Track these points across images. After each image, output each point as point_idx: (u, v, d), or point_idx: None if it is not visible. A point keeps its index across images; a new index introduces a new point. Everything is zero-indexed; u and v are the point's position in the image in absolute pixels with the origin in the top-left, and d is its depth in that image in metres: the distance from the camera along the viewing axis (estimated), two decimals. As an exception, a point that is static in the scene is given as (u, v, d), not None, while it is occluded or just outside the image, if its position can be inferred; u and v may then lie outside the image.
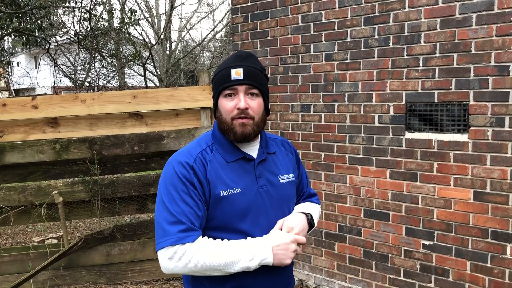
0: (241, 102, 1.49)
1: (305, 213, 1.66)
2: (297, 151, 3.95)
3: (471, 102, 3.06)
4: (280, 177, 1.62)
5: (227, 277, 1.47)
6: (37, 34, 9.70)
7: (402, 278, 3.47)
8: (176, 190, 1.45)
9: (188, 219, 1.43)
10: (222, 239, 1.48)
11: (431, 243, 3.30)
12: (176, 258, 1.40)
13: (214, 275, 1.44)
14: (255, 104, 1.51)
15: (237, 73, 1.50)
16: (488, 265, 3.07)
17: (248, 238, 1.49)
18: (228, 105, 1.51)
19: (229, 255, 1.41)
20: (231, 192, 1.49)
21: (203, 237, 1.46)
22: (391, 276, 3.53)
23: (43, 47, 10.59)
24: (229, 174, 1.51)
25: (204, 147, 1.55)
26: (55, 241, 5.39)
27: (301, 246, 1.56)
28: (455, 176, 3.16)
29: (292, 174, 1.68)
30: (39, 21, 9.67)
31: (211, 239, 1.46)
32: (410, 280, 3.43)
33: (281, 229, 1.54)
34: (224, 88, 1.51)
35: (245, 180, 1.53)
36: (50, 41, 10.49)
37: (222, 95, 1.52)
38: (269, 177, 1.59)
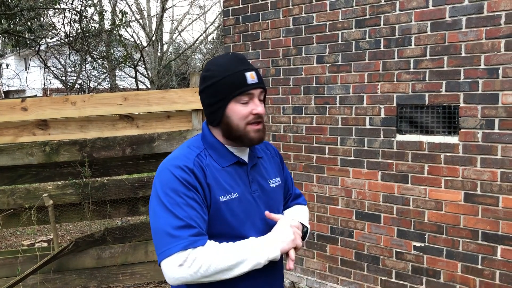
0: (259, 107, 1.46)
1: (301, 223, 1.64)
2: (290, 153, 3.96)
3: (461, 104, 3.08)
4: (270, 182, 1.61)
5: (227, 284, 1.42)
6: (27, 36, 9.63)
7: (393, 280, 3.48)
8: (178, 194, 1.37)
9: (196, 223, 1.36)
10: None
11: (422, 244, 3.32)
12: (187, 263, 1.32)
13: (224, 278, 1.37)
14: (264, 109, 1.50)
15: (252, 77, 1.45)
16: (479, 266, 3.09)
17: (251, 237, 1.46)
18: (243, 110, 1.45)
19: (239, 253, 1.37)
20: (229, 197, 1.45)
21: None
22: (383, 278, 3.53)
23: (33, 48, 10.51)
24: (225, 179, 1.47)
25: (197, 152, 1.48)
26: (45, 244, 5.35)
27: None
28: (446, 178, 3.18)
29: (279, 178, 1.67)
30: (29, 23, 9.61)
31: (217, 242, 1.40)
32: (401, 282, 3.44)
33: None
34: (241, 92, 1.44)
35: (240, 185, 1.50)
36: (40, 42, 10.42)
37: (235, 100, 1.45)
38: (260, 182, 1.57)
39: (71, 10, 9.71)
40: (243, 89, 1.44)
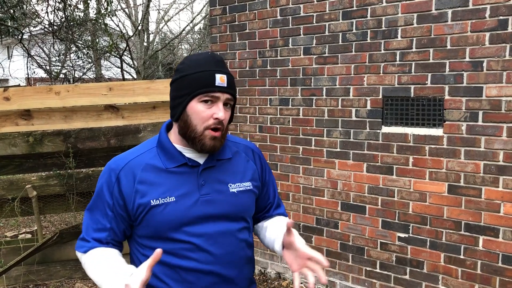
0: (220, 113, 1.38)
1: None
2: (276, 144, 3.97)
3: (446, 97, 3.11)
4: (230, 186, 1.49)
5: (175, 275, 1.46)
6: (9, 24, 9.43)
7: (378, 270, 3.52)
8: (98, 195, 1.47)
9: (91, 231, 1.48)
10: (156, 248, 1.29)
11: (407, 235, 3.36)
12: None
13: None
14: (228, 116, 1.42)
15: (221, 80, 1.39)
16: (461, 256, 3.14)
17: (118, 265, 1.36)
18: (204, 112, 1.39)
19: (98, 277, 1.40)
20: (163, 201, 1.40)
21: (115, 247, 1.48)
22: (367, 268, 3.57)
23: (16, 37, 10.31)
24: (165, 182, 1.42)
25: (143, 151, 1.48)
26: (29, 235, 5.29)
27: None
28: (430, 169, 3.21)
29: (249, 183, 1.53)
30: (11, 10, 9.41)
31: (100, 253, 1.44)
32: (386, 272, 3.48)
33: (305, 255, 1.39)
34: (205, 92, 1.38)
35: (184, 188, 1.42)
36: (23, 31, 10.21)
37: (197, 98, 1.39)
38: (215, 186, 1.46)
39: (55, -2, 9.52)
40: (208, 89, 1.38)
